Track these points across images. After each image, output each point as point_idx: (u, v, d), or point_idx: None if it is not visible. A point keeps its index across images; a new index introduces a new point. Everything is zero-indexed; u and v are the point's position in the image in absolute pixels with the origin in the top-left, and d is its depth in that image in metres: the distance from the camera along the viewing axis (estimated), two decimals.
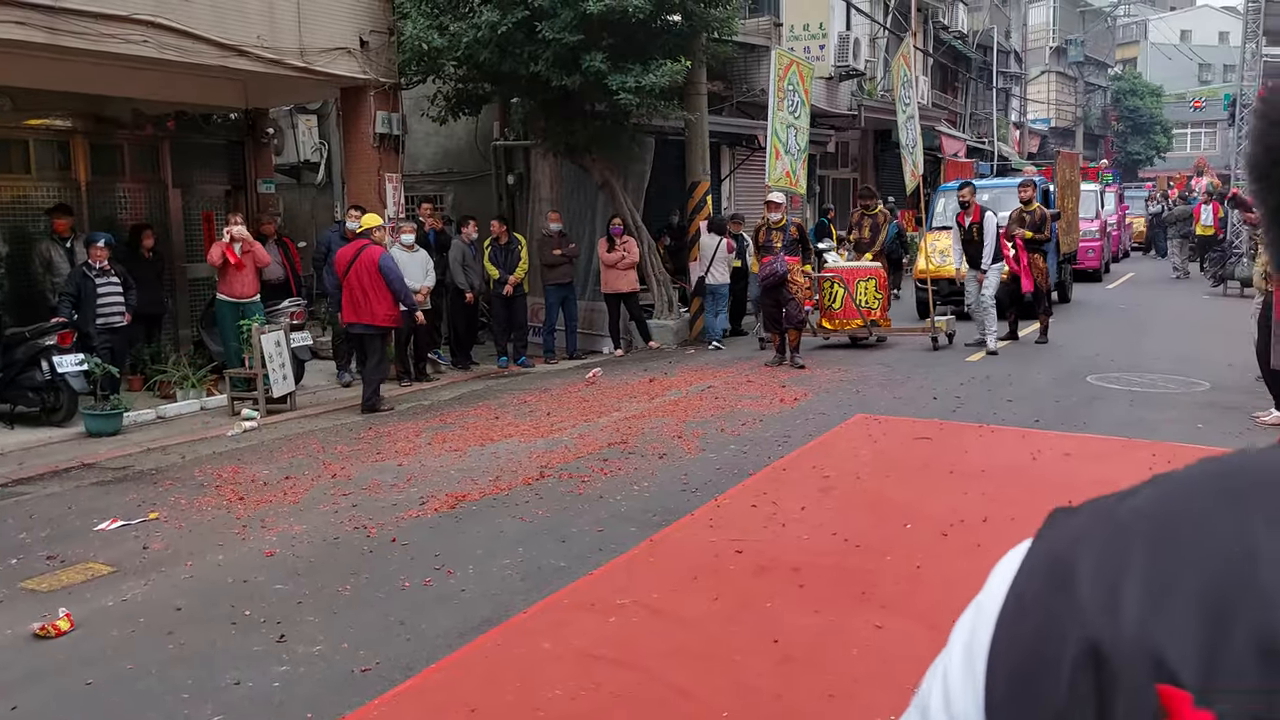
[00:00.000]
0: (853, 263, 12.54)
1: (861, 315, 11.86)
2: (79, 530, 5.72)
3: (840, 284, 11.95)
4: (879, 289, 12.01)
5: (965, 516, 5.41)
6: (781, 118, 12.17)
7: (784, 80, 12.24)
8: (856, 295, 11.92)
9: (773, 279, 10.52)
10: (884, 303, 12.11)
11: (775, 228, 10.74)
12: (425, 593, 4.62)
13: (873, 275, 12.00)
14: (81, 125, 10.51)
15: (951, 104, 31.97)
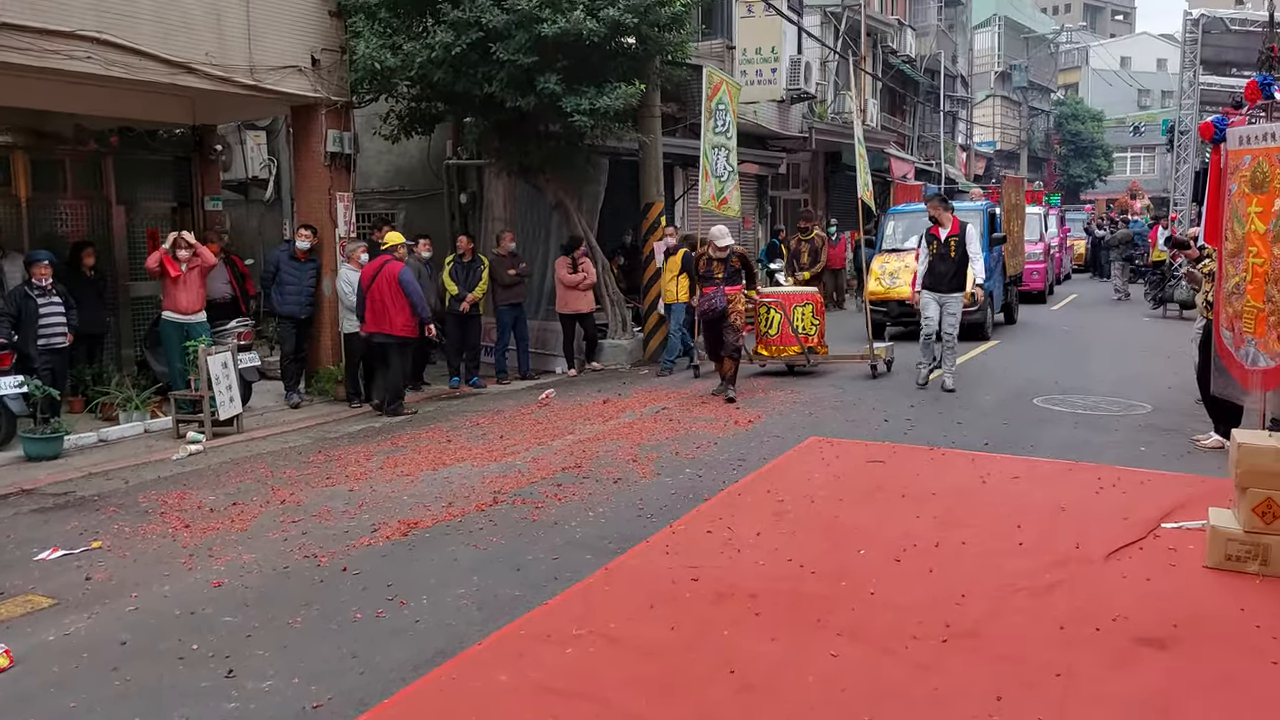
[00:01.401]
0: (790, 287, 12.36)
1: (799, 342, 11.55)
2: (18, 560, 5.55)
3: (777, 310, 11.62)
4: (816, 314, 11.72)
5: (918, 541, 5.46)
6: (710, 138, 11.95)
7: (713, 100, 11.98)
8: (794, 321, 11.57)
9: (711, 314, 10.05)
10: (821, 329, 11.81)
11: (716, 258, 10.19)
12: (378, 624, 4.55)
13: (810, 300, 11.70)
14: (22, 140, 10.25)
15: (900, 126, 32.50)
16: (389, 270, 9.68)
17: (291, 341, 10.47)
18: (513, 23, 10.32)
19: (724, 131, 12.33)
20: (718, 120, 12.13)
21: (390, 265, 9.74)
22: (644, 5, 10.76)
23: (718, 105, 12.12)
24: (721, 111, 12.21)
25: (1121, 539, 5.43)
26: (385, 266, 9.72)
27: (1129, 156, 57.48)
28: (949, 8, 39.19)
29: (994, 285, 15.03)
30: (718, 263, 10.17)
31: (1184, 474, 6.89)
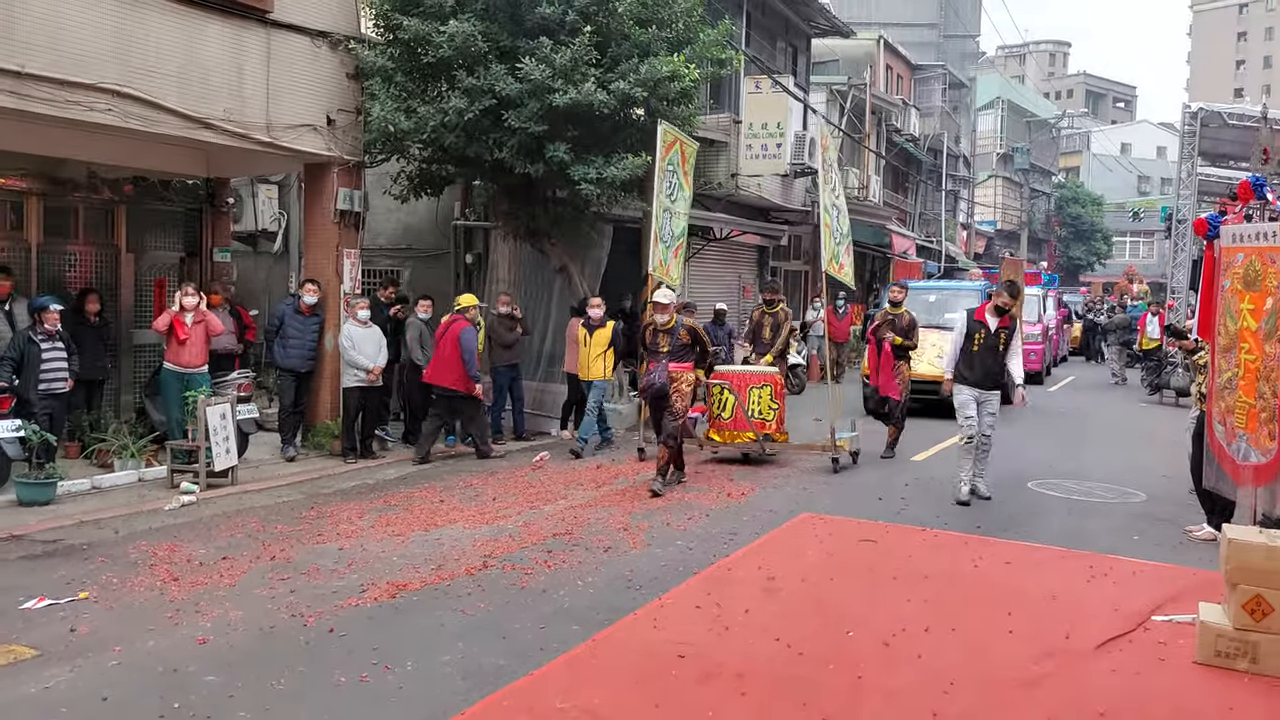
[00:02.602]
0: (747, 366, 11.40)
1: (753, 427, 10.49)
2: (3, 608, 5.52)
3: (730, 390, 10.57)
4: (775, 397, 10.64)
5: (908, 625, 5.44)
6: (660, 202, 11.03)
7: (664, 160, 10.99)
8: (749, 404, 10.49)
9: (652, 391, 9.08)
10: (780, 413, 10.72)
11: (662, 330, 9.20)
12: (362, 689, 4.52)
13: (768, 382, 10.66)
14: (36, 185, 10.42)
15: (902, 203, 32.94)
16: (454, 329, 10.50)
17: (291, 394, 10.52)
18: (525, 91, 10.54)
19: (670, 195, 11.35)
20: (668, 182, 11.17)
21: (457, 324, 10.54)
22: (654, 79, 10.99)
23: (667, 167, 11.11)
24: (670, 173, 11.20)
25: (1112, 630, 5.42)
26: (454, 324, 10.54)
27: (1128, 241, 58.16)
28: (953, 90, 39.96)
29: None
30: (663, 334, 9.18)
31: (1176, 565, 6.89)
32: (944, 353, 14.80)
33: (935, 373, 14.25)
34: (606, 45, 11.09)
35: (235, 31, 9.58)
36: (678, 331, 9.18)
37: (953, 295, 16.33)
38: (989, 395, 9.10)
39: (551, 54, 10.48)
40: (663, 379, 8.95)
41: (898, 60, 34.43)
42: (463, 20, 10.47)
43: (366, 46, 10.84)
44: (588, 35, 10.50)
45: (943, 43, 42.05)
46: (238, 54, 9.60)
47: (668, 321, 9.16)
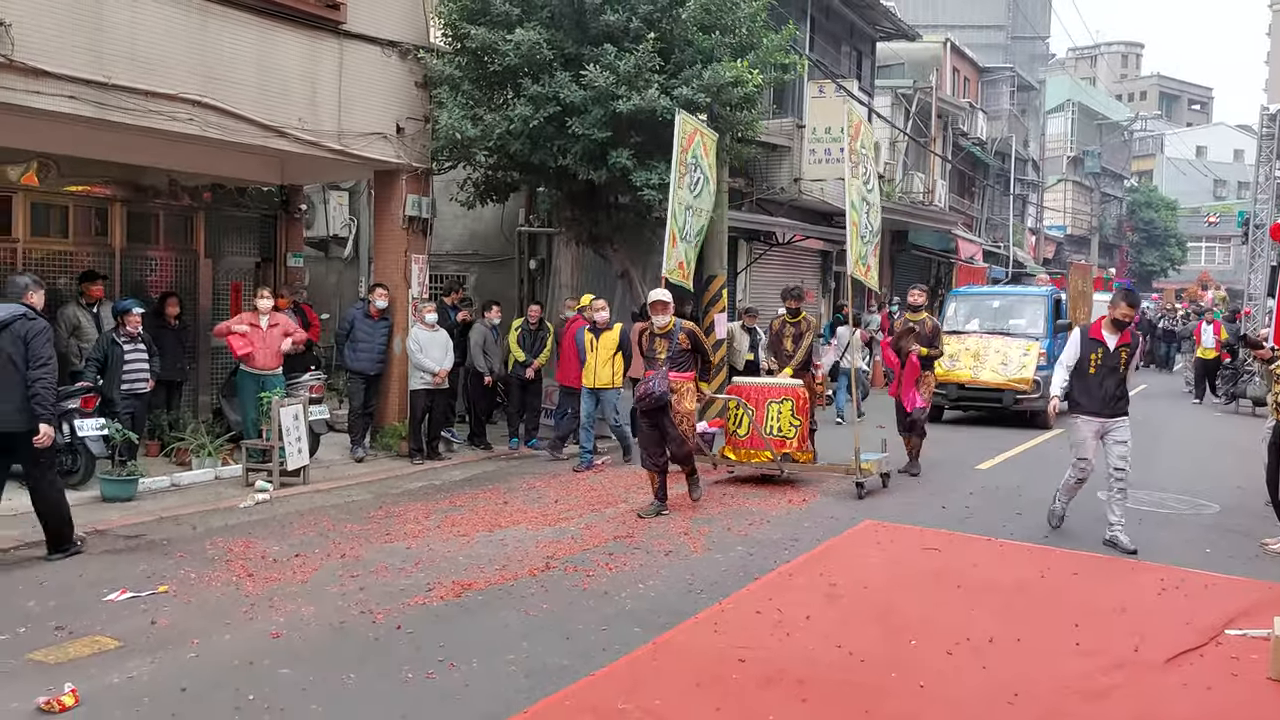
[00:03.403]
0: (765, 379, 10.38)
1: (770, 446, 9.53)
2: (88, 600, 5.75)
3: (744, 407, 9.68)
4: (797, 413, 9.65)
5: (971, 634, 5.40)
6: (681, 197, 10.18)
7: (687, 153, 10.22)
8: (766, 421, 9.59)
9: (648, 401, 8.06)
10: (803, 431, 9.73)
11: (660, 334, 8.38)
12: (428, 686, 4.62)
13: (788, 396, 9.66)
14: (120, 193, 10.81)
15: (968, 208, 32.49)
16: (572, 328, 10.97)
17: (360, 397, 10.75)
18: (589, 99, 10.65)
19: (693, 189, 10.51)
20: (691, 177, 10.37)
21: (575, 323, 10.98)
22: (717, 85, 11.03)
23: (690, 160, 10.34)
24: (693, 167, 10.40)
25: (1183, 644, 5.32)
26: (573, 324, 11.02)
27: (1203, 246, 56.61)
28: (1022, 93, 39.31)
29: None
30: (660, 339, 8.35)
31: (1251, 579, 6.72)
32: (1008, 360, 14.51)
33: (999, 380, 14.08)
34: (670, 51, 11.16)
35: (309, 42, 9.84)
36: (677, 336, 8.34)
37: (1018, 301, 16.04)
38: (1114, 424, 7.69)
39: (615, 61, 10.58)
40: (663, 387, 8.06)
41: (964, 63, 33.97)
42: (528, 29, 10.63)
43: (435, 55, 11.06)
44: (651, 42, 10.58)
45: (1011, 45, 41.36)
46: (312, 64, 9.87)
47: (666, 324, 8.32)
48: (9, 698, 4.35)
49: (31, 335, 6.43)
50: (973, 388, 14.42)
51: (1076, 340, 7.89)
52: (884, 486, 9.56)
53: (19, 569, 6.43)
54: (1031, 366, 14.08)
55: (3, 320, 6.44)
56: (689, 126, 10.36)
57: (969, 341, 14.80)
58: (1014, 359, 14.21)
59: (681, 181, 10.20)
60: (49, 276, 10.19)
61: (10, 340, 6.39)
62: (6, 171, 9.76)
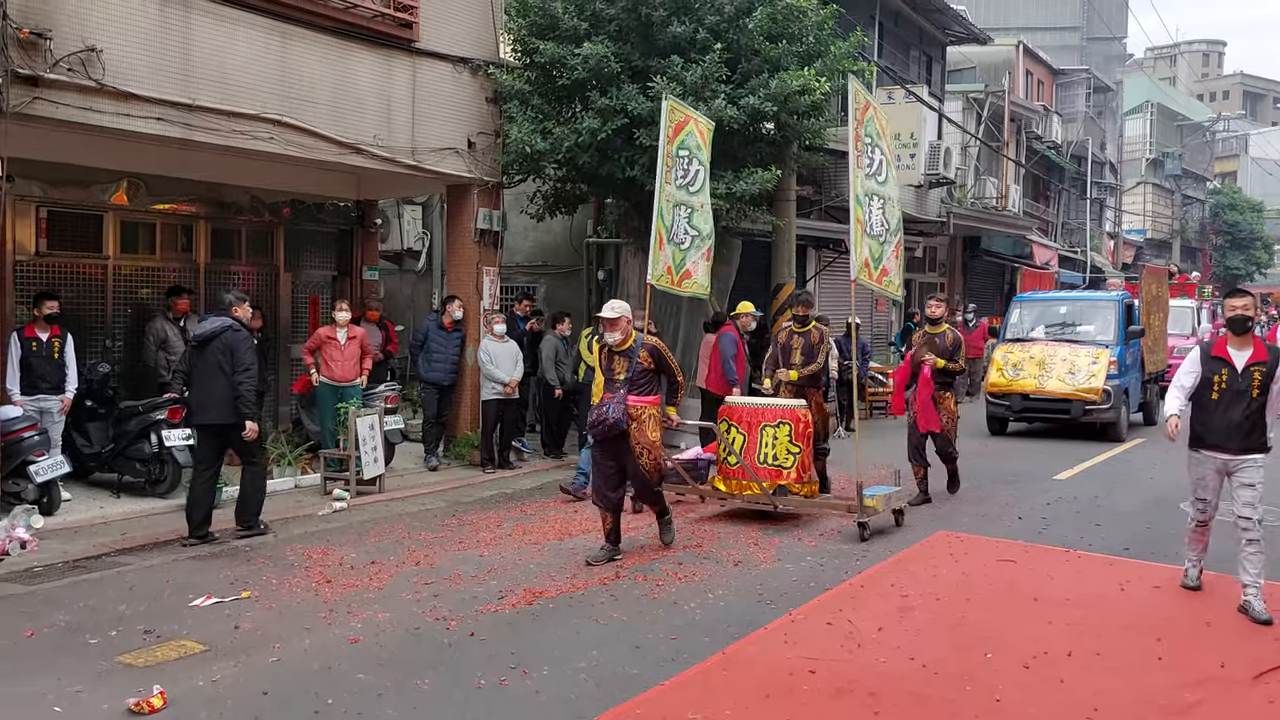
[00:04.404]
0: (760, 399, 9.05)
1: (764, 476, 8.22)
2: (175, 605, 5.96)
3: (737, 430, 8.49)
4: (795, 439, 8.36)
5: (1049, 648, 5.30)
6: (669, 193, 9.09)
7: (673, 143, 9.13)
8: (759, 448, 8.34)
9: (602, 429, 7.02)
10: (802, 459, 8.43)
11: (617, 351, 7.17)
12: (501, 693, 4.69)
13: (785, 419, 8.39)
14: (204, 210, 11.21)
15: (1043, 213, 31.86)
16: (718, 334, 10.88)
17: (434, 407, 10.95)
18: (657, 110, 10.70)
19: (688, 184, 9.36)
20: (679, 170, 9.23)
21: (724, 329, 10.89)
22: (784, 93, 11.01)
23: (679, 150, 9.25)
24: (684, 159, 9.29)
25: (1271, 660, 5.15)
26: (721, 331, 10.94)
27: None
28: (1098, 94, 38.43)
29: (1130, 383, 14.29)
30: (618, 357, 7.18)
31: None
32: (1076, 368, 13.69)
33: (1066, 390, 13.45)
34: (736, 61, 11.18)
35: (384, 61, 10.08)
36: (636, 353, 7.09)
37: (1087, 306, 15.22)
38: (1241, 463, 6.09)
39: (682, 72, 10.65)
40: (618, 414, 6.94)
41: (1038, 65, 33.35)
42: (596, 42, 10.74)
43: (504, 71, 11.24)
44: (718, 52, 10.62)
45: (1086, 46, 40.51)
46: (386, 82, 10.11)
47: (622, 341, 7.11)
48: (101, 699, 4.53)
49: (235, 345, 7.50)
50: (1038, 398, 13.72)
51: (1195, 359, 6.41)
52: (897, 525, 8.24)
53: (109, 573, 6.69)
54: (1101, 376, 13.39)
55: (213, 331, 7.52)
56: (677, 114, 9.22)
57: (1034, 349, 14.11)
58: (1082, 368, 13.52)
59: (669, 175, 9.06)
60: (136, 292, 10.62)
61: (219, 348, 7.46)
62: (98, 191, 10.18)
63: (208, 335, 7.55)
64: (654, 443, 7.16)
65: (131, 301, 10.60)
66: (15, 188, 8.95)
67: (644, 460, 7.13)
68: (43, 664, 4.97)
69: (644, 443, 7.10)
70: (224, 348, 7.45)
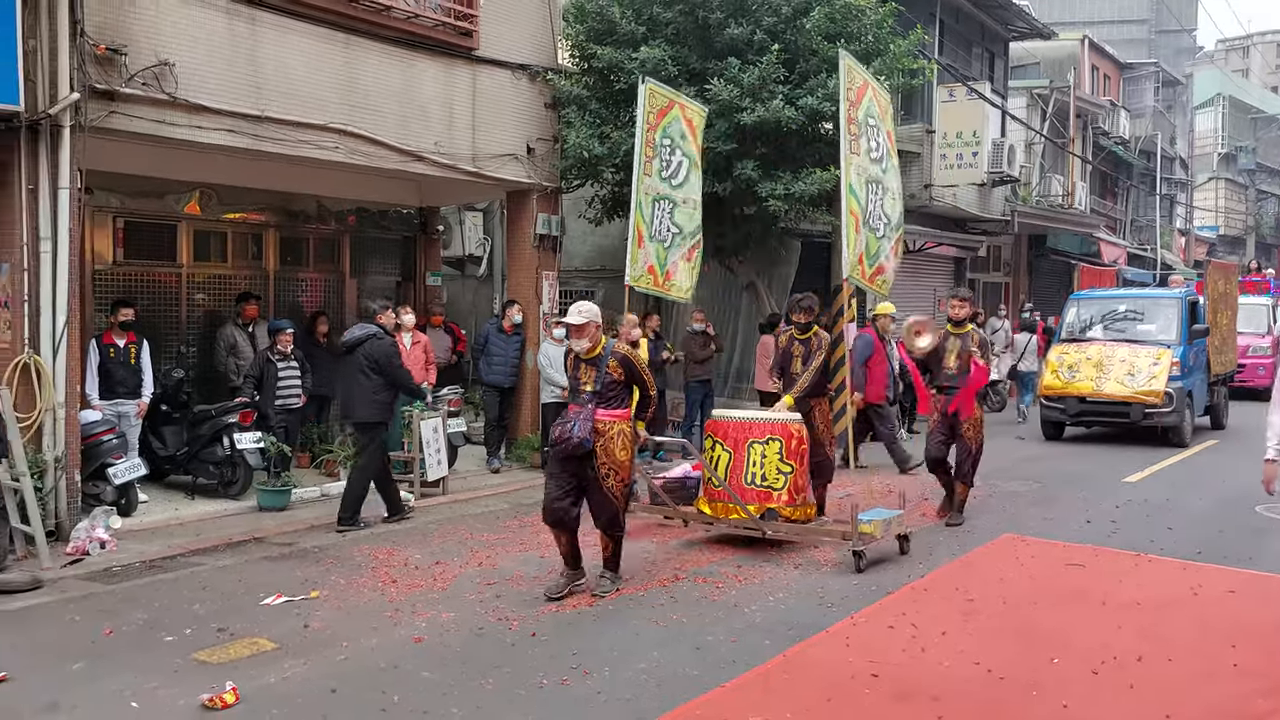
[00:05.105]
0: (747, 413, 8.33)
1: (750, 498, 7.45)
2: (247, 604, 6.12)
3: (722, 447, 7.66)
4: (787, 457, 7.53)
5: (1118, 653, 5.20)
6: (649, 185, 8.25)
7: (656, 130, 8.22)
8: (746, 467, 7.52)
9: (566, 447, 6.22)
10: (795, 479, 7.57)
11: (585, 360, 6.37)
12: (562, 693, 4.74)
13: (775, 435, 7.55)
14: (273, 219, 11.50)
15: (1111, 210, 31.16)
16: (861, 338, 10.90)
17: (495, 409, 11.08)
18: (714, 112, 10.73)
19: (670, 176, 8.44)
20: (663, 160, 8.32)
21: (864, 332, 10.94)
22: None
23: (663, 139, 8.39)
24: (667, 148, 8.40)
25: None
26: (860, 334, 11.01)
27: None
28: (1167, 88, 37.46)
29: (1194, 384, 13.68)
30: (586, 366, 6.38)
31: None
32: (1136, 369, 12.90)
33: (1125, 392, 12.77)
34: (794, 62, 11.14)
35: (445, 69, 10.24)
36: (605, 363, 6.31)
37: (1148, 304, 14.48)
38: None
39: (740, 74, 10.65)
40: (584, 431, 6.17)
41: (1104, 60, 32.62)
42: (653, 46, 10.79)
43: (563, 77, 11.35)
44: (775, 53, 10.60)
45: (1154, 39, 39.53)
46: (447, 90, 10.26)
47: (590, 349, 6.33)
48: (177, 695, 4.67)
49: (379, 351, 8.17)
50: (1095, 401, 13.14)
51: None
52: (902, 553, 7.35)
53: (184, 573, 6.89)
54: (1163, 377, 12.76)
55: (359, 338, 8.22)
56: (659, 98, 8.29)
57: (1091, 350, 13.54)
58: (1142, 369, 12.91)
59: (649, 166, 8.22)
60: (209, 299, 10.93)
61: (364, 354, 8.14)
62: (172, 202, 10.49)
63: (354, 342, 8.22)
64: (622, 463, 6.32)
65: (204, 308, 10.91)
66: (94, 199, 9.28)
67: (610, 482, 6.28)
68: (122, 661, 5.14)
69: (611, 463, 6.27)
70: (367, 353, 8.13)
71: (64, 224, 7.49)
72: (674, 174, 8.63)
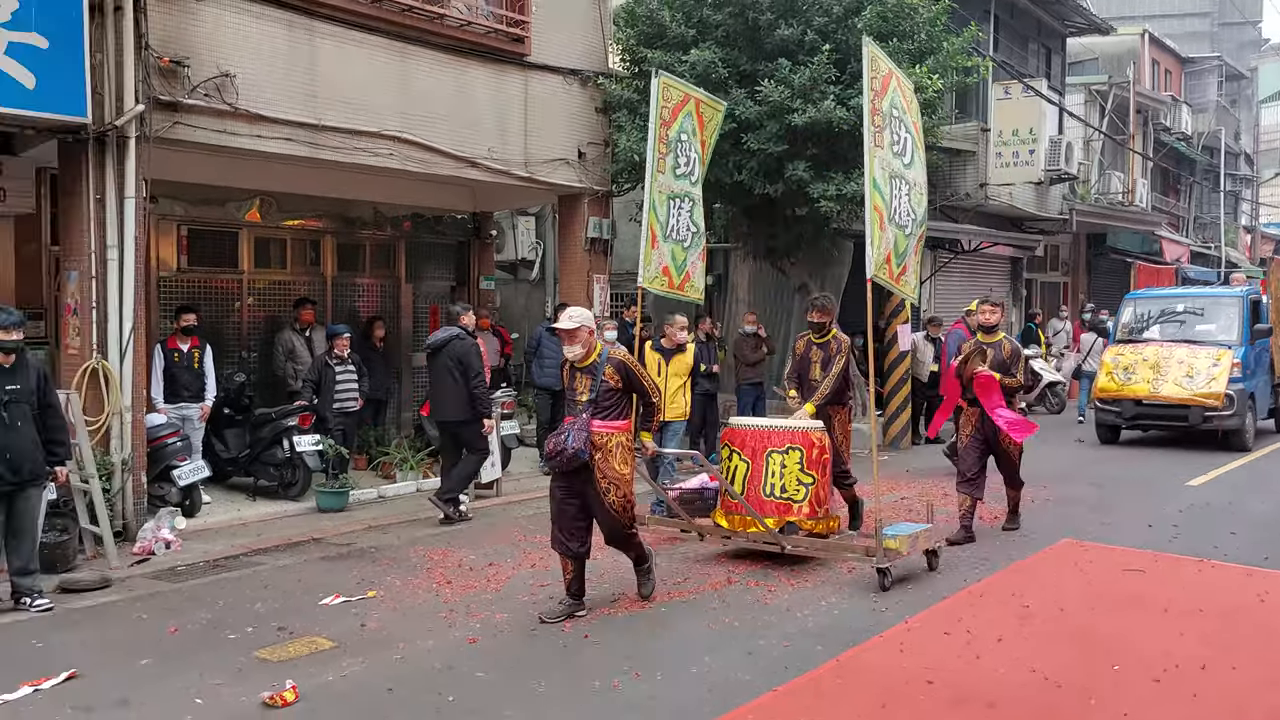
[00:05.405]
0: (766, 420, 8.17)
1: (769, 511, 7.07)
2: (306, 604, 6.24)
3: (739, 457, 7.27)
4: (808, 467, 7.09)
5: (1180, 661, 5.10)
6: (663, 184, 7.98)
7: (671, 126, 8.00)
8: (764, 478, 7.13)
9: (560, 461, 5.87)
10: (817, 491, 7.14)
11: (579, 368, 6.03)
12: (614, 695, 4.77)
13: (795, 444, 7.13)
14: (331, 225, 11.73)
15: (1173, 207, 30.47)
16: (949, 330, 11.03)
17: (548, 411, 11.15)
18: (764, 114, 10.70)
19: (688, 173, 8.19)
20: (680, 157, 8.08)
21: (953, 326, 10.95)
22: None
23: (679, 135, 8.10)
24: (681, 144, 8.16)
25: None
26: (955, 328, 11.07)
27: None
28: (1231, 82, 36.52)
29: (1257, 386, 13.27)
30: (581, 374, 6.03)
31: None
32: (1194, 371, 12.57)
33: (1183, 395, 12.40)
34: (846, 62, 11.06)
35: (497, 76, 10.35)
36: (601, 370, 5.95)
37: (1207, 303, 14.00)
38: None
39: (790, 75, 10.60)
40: (578, 443, 5.81)
41: (1165, 54, 31.90)
42: (703, 49, 10.80)
43: (613, 81, 11.40)
44: (826, 54, 10.54)
45: (1217, 32, 38.55)
46: (499, 96, 10.37)
47: (584, 356, 5.98)
48: (240, 693, 4.78)
49: (463, 352, 8.48)
50: (1151, 403, 12.76)
51: None
52: (930, 569, 6.94)
53: (246, 572, 7.05)
54: (1223, 379, 12.36)
55: (443, 340, 8.54)
56: (675, 92, 8.03)
57: (1147, 351, 13.17)
58: (1202, 370, 12.51)
59: (663, 163, 7.96)
60: (268, 305, 11.17)
61: (449, 355, 8.46)
62: (233, 210, 10.74)
63: (439, 344, 8.54)
64: (623, 476, 5.94)
65: (264, 313, 11.15)
66: (158, 208, 9.53)
67: (611, 498, 5.91)
68: (187, 659, 5.27)
69: (611, 477, 5.89)
70: (452, 354, 8.45)
71: (130, 232, 7.71)
72: (691, 170, 8.38)
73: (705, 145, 8.67)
